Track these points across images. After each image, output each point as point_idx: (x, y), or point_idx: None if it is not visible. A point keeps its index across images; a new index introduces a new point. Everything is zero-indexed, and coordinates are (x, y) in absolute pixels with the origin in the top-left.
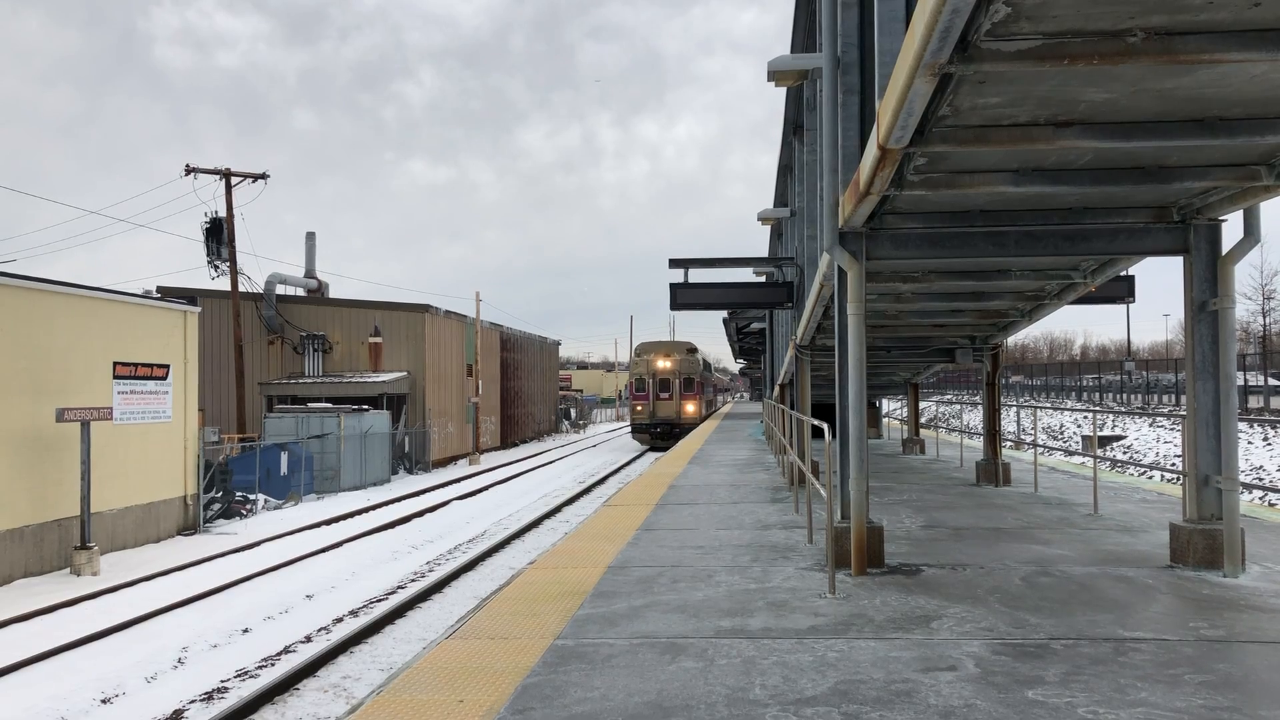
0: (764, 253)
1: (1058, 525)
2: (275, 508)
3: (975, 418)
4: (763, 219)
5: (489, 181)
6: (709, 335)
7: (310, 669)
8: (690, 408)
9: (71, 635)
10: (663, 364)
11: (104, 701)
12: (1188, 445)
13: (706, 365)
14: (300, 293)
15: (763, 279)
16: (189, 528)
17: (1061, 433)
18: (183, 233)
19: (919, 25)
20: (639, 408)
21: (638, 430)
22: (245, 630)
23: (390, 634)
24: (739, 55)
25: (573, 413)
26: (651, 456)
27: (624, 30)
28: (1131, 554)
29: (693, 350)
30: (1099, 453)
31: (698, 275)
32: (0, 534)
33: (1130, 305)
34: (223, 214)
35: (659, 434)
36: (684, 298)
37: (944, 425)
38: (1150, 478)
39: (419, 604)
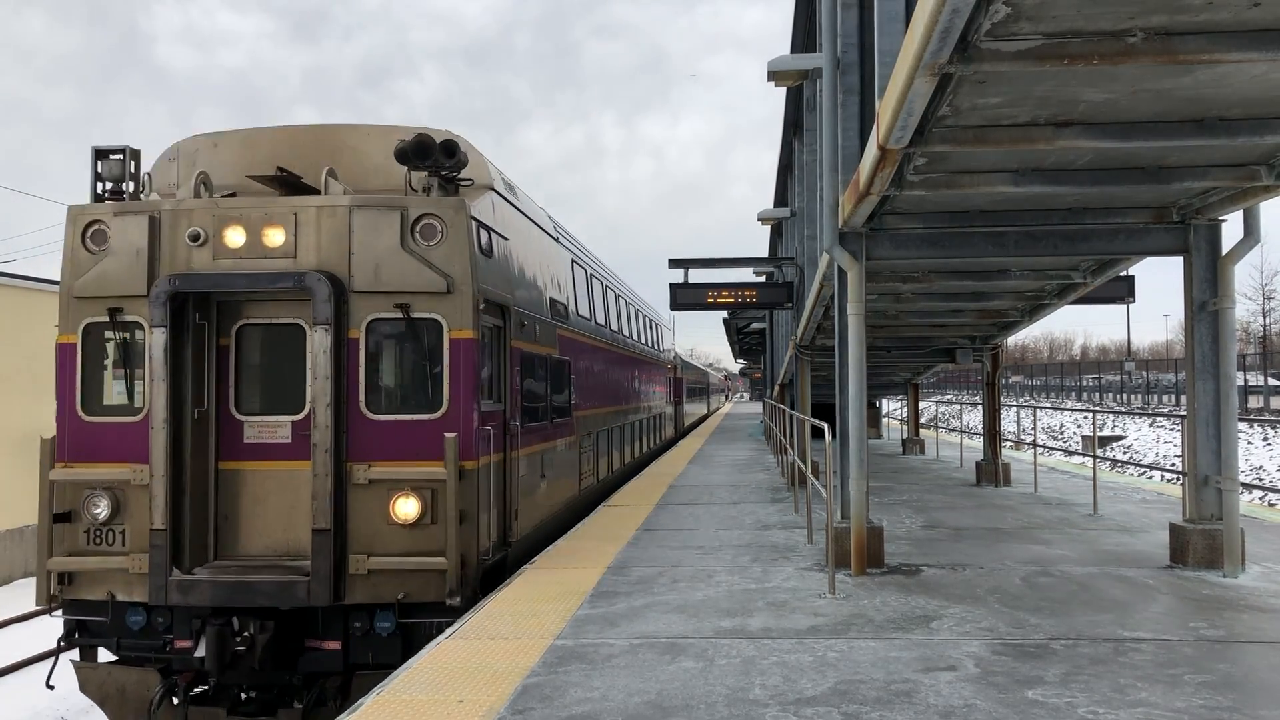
0: (766, 252)
1: (1058, 525)
2: None
3: (975, 418)
4: (763, 219)
5: None
6: (709, 335)
7: None
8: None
9: None
10: (259, 235)
11: None
12: (1187, 445)
13: (604, 279)
14: None
15: (763, 279)
16: None
17: (1061, 433)
18: None
19: (919, 25)
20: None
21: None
22: None
23: None
24: (745, 54)
25: None
26: None
27: (629, 29)
28: (1131, 554)
29: (446, 161)
30: (1099, 453)
31: (698, 275)
32: (0, 534)
33: (1130, 305)
34: None
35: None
36: (684, 298)
37: (944, 425)
38: (1150, 478)
39: None
